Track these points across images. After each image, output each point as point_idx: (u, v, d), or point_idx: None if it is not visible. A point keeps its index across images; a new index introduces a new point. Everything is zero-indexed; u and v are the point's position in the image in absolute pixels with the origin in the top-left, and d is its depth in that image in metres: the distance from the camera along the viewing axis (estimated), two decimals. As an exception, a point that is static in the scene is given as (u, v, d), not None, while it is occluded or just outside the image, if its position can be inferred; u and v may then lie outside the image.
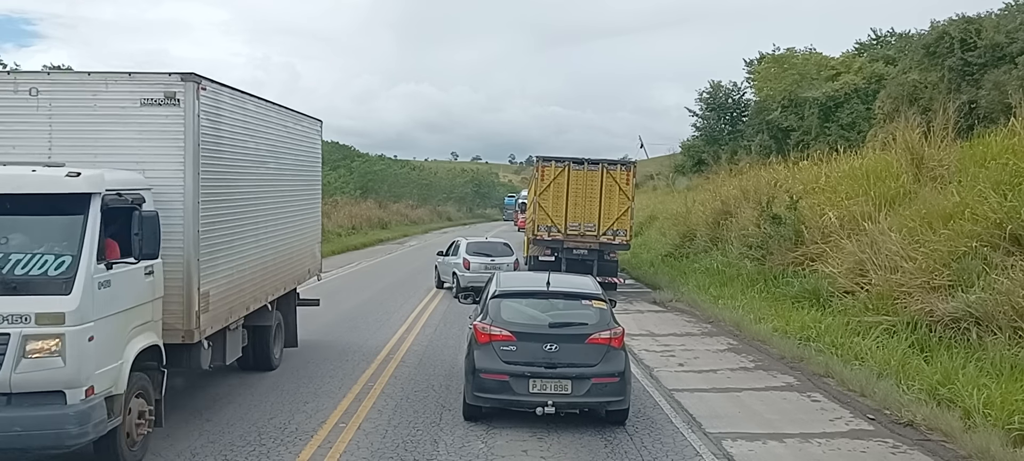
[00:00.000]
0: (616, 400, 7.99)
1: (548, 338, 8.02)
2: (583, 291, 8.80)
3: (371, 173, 71.45)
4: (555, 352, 7.90)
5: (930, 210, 13.38)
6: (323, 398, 8.90)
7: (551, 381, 7.83)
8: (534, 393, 7.81)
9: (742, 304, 15.74)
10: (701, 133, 50.05)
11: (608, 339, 8.06)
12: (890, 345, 10.80)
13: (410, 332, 13.43)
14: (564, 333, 8.12)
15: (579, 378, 7.83)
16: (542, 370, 7.83)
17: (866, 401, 9.21)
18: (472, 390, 8.01)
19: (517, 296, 8.65)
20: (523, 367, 7.84)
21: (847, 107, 35.36)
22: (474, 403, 8.07)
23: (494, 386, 7.88)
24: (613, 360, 7.99)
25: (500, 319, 8.16)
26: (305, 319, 14.44)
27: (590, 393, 7.87)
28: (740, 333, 13.93)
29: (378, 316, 15.29)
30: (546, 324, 8.24)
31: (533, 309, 8.44)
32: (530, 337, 8.00)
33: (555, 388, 7.83)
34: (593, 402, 7.98)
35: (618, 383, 7.91)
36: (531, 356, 7.89)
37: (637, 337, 13.67)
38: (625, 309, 17.49)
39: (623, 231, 19.59)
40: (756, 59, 46.02)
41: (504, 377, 7.84)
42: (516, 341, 7.96)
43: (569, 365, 7.86)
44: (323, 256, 31.88)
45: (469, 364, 8.12)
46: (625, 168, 19.83)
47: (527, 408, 7.91)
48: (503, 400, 7.94)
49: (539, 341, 7.98)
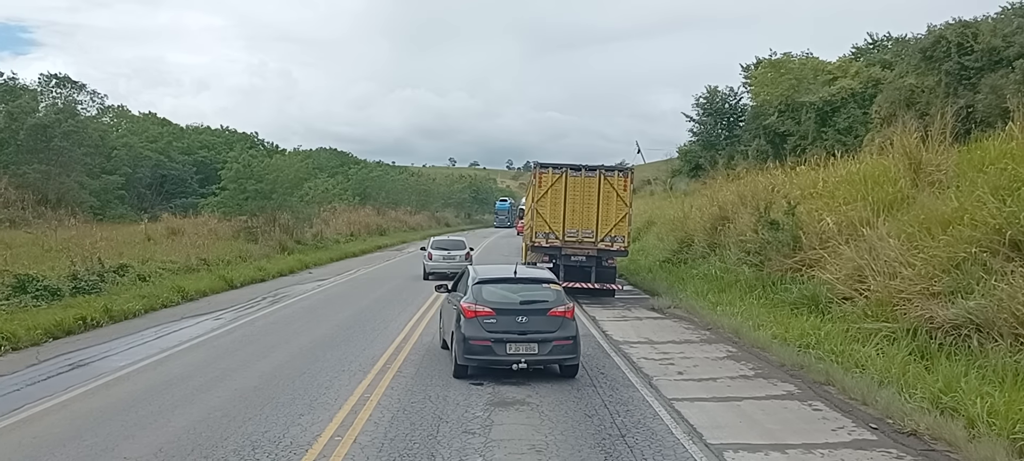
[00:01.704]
0: (570, 357, 10.46)
1: (519, 312, 10.43)
2: (542, 277, 11.61)
3: (369, 180, 71.37)
4: (525, 323, 10.31)
5: (929, 215, 13.30)
6: (319, 410, 8.79)
7: (523, 344, 10.19)
8: (510, 353, 10.12)
9: (741, 310, 15.65)
10: (698, 138, 50.08)
11: (563, 312, 10.52)
12: (890, 352, 10.70)
13: (408, 341, 13.33)
14: (531, 308, 10.50)
15: (543, 341, 10.23)
16: (516, 336, 10.21)
17: (868, 410, 9.12)
18: (463, 353, 10.18)
19: (494, 282, 10.98)
20: (501, 334, 10.16)
21: (844, 112, 35.39)
22: (463, 363, 10.27)
23: (479, 349, 10.12)
24: (568, 327, 10.44)
25: (482, 299, 10.45)
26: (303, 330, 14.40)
27: (552, 352, 10.29)
28: (739, 340, 13.84)
29: (375, 325, 15.19)
30: (518, 302, 10.61)
31: (506, 291, 10.78)
32: (506, 312, 10.36)
33: (526, 349, 10.16)
34: (553, 359, 10.38)
35: (572, 344, 10.40)
36: (507, 326, 10.24)
37: (636, 345, 13.58)
38: (623, 315, 17.45)
39: (621, 237, 19.53)
40: (753, 64, 46.09)
41: (488, 342, 10.12)
42: (495, 315, 10.27)
43: (536, 332, 10.27)
44: (321, 263, 32.23)
45: (459, 334, 10.24)
46: (623, 174, 19.79)
47: (504, 365, 10.12)
48: (486, 360, 10.16)
49: (512, 315, 10.37)
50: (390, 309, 17.51)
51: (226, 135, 68.05)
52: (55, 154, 39.31)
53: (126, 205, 45.75)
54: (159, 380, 10.32)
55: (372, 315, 16.55)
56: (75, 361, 11.69)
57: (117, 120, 59.27)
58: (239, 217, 34.51)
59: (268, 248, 31.77)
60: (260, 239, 32.62)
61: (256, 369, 11.01)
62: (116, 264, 20.61)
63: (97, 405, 9.10)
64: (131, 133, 56.20)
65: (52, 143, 38.99)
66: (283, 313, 17.22)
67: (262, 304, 18.71)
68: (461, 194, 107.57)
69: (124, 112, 66.00)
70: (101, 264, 19.69)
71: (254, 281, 23.77)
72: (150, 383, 10.17)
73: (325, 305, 18.62)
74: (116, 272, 19.92)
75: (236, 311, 17.44)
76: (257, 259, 28.46)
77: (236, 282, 22.43)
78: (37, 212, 34.90)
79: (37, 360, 11.76)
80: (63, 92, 45.45)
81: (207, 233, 32.02)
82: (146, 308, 16.97)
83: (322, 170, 75.67)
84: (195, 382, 10.18)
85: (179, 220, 35.12)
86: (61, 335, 13.70)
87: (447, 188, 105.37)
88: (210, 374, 10.67)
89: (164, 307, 17.65)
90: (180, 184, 53.17)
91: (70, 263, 18.68)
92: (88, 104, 47.42)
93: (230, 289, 21.74)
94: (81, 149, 40.56)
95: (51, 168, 38.93)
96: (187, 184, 52.87)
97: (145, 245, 26.98)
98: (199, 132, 67.03)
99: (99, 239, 26.61)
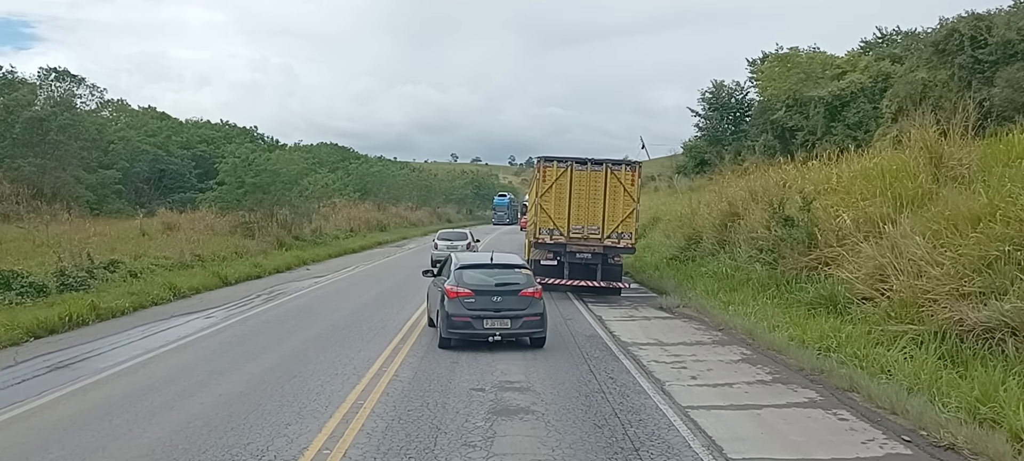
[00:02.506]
0: (538, 331, 12.14)
1: (495, 293, 12.01)
2: (514, 263, 13.29)
3: (369, 175, 70.74)
4: (499, 302, 11.92)
5: (954, 212, 12.62)
6: (307, 420, 8.15)
7: (497, 320, 11.82)
8: (487, 327, 11.75)
9: (754, 310, 15.00)
10: (704, 133, 49.50)
11: (532, 292, 12.19)
12: (918, 356, 10.04)
13: (405, 342, 12.68)
14: (504, 289, 12.11)
15: (515, 317, 11.86)
16: (492, 313, 11.83)
17: (899, 420, 8.47)
18: (446, 328, 11.83)
19: (473, 267, 12.65)
20: (479, 311, 11.78)
21: (854, 106, 34.82)
22: (447, 336, 11.87)
23: (461, 324, 11.75)
24: (535, 305, 12.08)
25: (463, 282, 12.06)
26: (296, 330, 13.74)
27: (522, 327, 11.92)
28: (753, 342, 13.19)
29: (372, 324, 14.56)
30: (493, 284, 12.18)
31: (483, 275, 12.41)
32: (483, 293, 11.94)
33: (500, 324, 11.78)
34: (523, 332, 12.00)
35: (539, 320, 12.09)
36: (484, 305, 11.85)
37: (645, 346, 12.94)
38: (630, 315, 16.80)
39: (628, 234, 18.87)
40: (759, 58, 45.49)
41: (468, 318, 11.73)
42: (474, 296, 11.86)
43: (508, 309, 11.90)
44: (319, 260, 31.61)
45: (443, 312, 11.89)
46: (630, 168, 19.11)
47: (482, 338, 11.74)
48: (466, 333, 11.77)
49: (489, 295, 11.95)
50: (388, 307, 16.88)
51: (226, 129, 67.43)
52: (51, 148, 38.66)
53: (123, 200, 45.17)
54: (139, 384, 9.68)
55: (369, 314, 15.91)
56: (55, 362, 11.08)
57: (116, 114, 58.74)
58: (237, 212, 33.87)
59: (265, 244, 31.17)
60: (257, 235, 32.01)
61: (244, 372, 10.37)
62: (107, 260, 20.02)
63: (70, 412, 8.47)
64: (129, 127, 55.60)
65: (48, 137, 38.36)
66: (277, 311, 16.59)
67: (256, 302, 18.09)
68: (463, 190, 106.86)
69: (124, 106, 65.50)
70: (90, 260, 19.09)
71: (249, 278, 23.16)
72: (129, 388, 9.54)
73: (321, 303, 17.99)
74: (106, 268, 19.33)
75: (228, 309, 16.82)
76: (254, 255, 27.87)
77: (231, 279, 21.82)
78: (31, 206, 34.26)
79: (14, 361, 11.16)
80: (62, 86, 44.94)
81: (204, 228, 31.43)
82: (135, 305, 16.37)
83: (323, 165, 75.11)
84: (178, 387, 9.54)
85: (175, 215, 34.48)
86: (44, 334, 13.10)
87: (449, 184, 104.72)
88: (194, 378, 10.04)
89: (154, 305, 17.05)
90: (178, 179, 52.57)
91: (57, 259, 18.05)
92: (88, 98, 46.85)
93: (224, 286, 21.13)
94: (77, 143, 39.89)
95: (47, 162, 38.26)
96: (186, 179, 52.21)
97: (139, 240, 26.38)
98: (198, 126, 66.40)
99: (92, 234, 26.03)
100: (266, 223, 33.97)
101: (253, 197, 34.16)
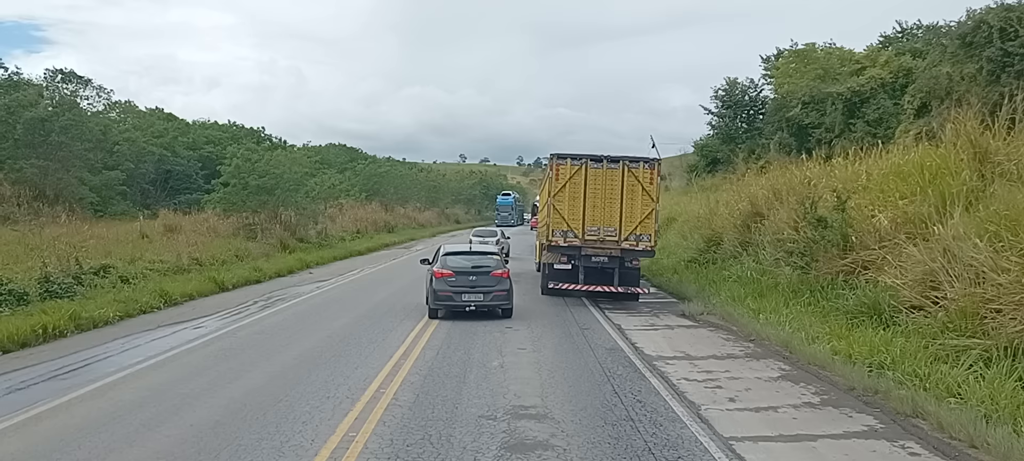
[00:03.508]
0: (505, 303, 15.31)
1: (471, 274, 15.19)
2: (489, 251, 17.04)
3: (377, 175, 69.57)
4: (474, 280, 15.07)
5: (1015, 211, 11.36)
6: (288, 457, 7.00)
7: (472, 294, 14.96)
8: (464, 300, 14.91)
9: (788, 319, 13.78)
10: (717, 132, 48.43)
11: (500, 273, 15.36)
12: (990, 376, 8.82)
13: (407, 358, 11.52)
14: (478, 271, 15.29)
15: (487, 292, 15.03)
16: (468, 289, 14.97)
17: (980, 455, 7.25)
18: (433, 301, 15.08)
19: (454, 254, 16.03)
20: (459, 288, 14.93)
21: (874, 102, 33.57)
22: (434, 307, 15.09)
23: (444, 297, 14.92)
24: (503, 283, 15.26)
25: (446, 265, 15.30)
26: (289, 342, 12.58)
27: (493, 300, 15.11)
28: (791, 355, 11.97)
29: (372, 336, 13.42)
30: (470, 267, 15.37)
31: (462, 260, 15.64)
32: (462, 274, 15.14)
33: (474, 298, 14.95)
34: (494, 304, 15.16)
35: (506, 294, 15.25)
36: (463, 283, 15.00)
37: (672, 361, 11.73)
38: (652, 323, 15.61)
39: (647, 236, 17.66)
40: (774, 55, 44.40)
41: (450, 293, 14.92)
42: (455, 275, 15.05)
43: (482, 286, 15.04)
44: (323, 262, 30.52)
45: (431, 289, 15.24)
46: (648, 166, 17.88)
47: (461, 308, 14.93)
48: (449, 305, 14.93)
49: (467, 275, 15.12)
50: (391, 317, 15.74)
51: (233, 130, 66.51)
52: (53, 149, 37.80)
53: (128, 201, 44.35)
54: (101, 413, 8.49)
55: (370, 324, 14.77)
56: (13, 384, 9.92)
57: (123, 115, 58.02)
58: (239, 214, 32.84)
59: (268, 247, 30.11)
60: (260, 237, 30.95)
61: (223, 395, 9.21)
62: (98, 265, 18.97)
63: (7, 452, 7.29)
64: (135, 128, 54.82)
65: (50, 138, 37.49)
66: (271, 321, 15.46)
67: (251, 310, 16.97)
68: (471, 190, 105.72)
69: (131, 107, 64.81)
70: (78, 265, 18.04)
71: (248, 283, 22.07)
72: (88, 417, 8.35)
73: (319, 311, 16.85)
74: (96, 274, 18.28)
75: (220, 318, 15.71)
76: (255, 258, 26.83)
77: (228, 284, 20.75)
78: (33, 209, 33.40)
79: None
80: (69, 87, 44.13)
81: (206, 231, 30.43)
82: (121, 314, 15.29)
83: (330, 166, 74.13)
84: (145, 414, 8.38)
85: (177, 217, 33.49)
86: (13, 348, 12.01)
87: (457, 184, 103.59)
88: (166, 402, 8.89)
89: (142, 313, 15.96)
90: (185, 180, 51.74)
91: (42, 264, 16.99)
92: (95, 99, 46.10)
93: (221, 292, 20.05)
94: (81, 144, 39.00)
95: (49, 164, 37.38)
96: (192, 180, 51.31)
97: (138, 243, 25.37)
98: (205, 127, 65.58)
99: (89, 237, 25.08)
100: (270, 225, 32.94)
101: (257, 198, 33.14)
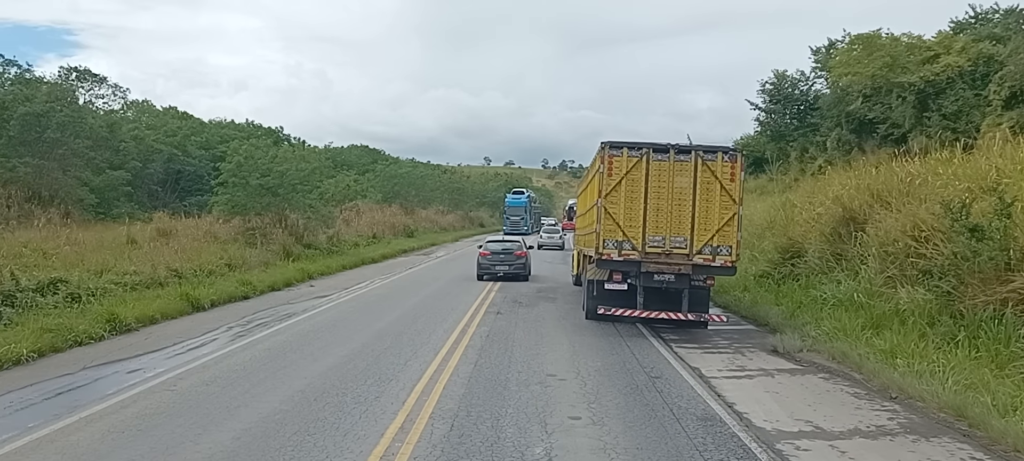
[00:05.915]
0: (524, 273, 26.10)
1: (501, 253, 26.37)
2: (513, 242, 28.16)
3: (397, 177, 66.11)
4: (503, 257, 26.14)
5: None
6: None
7: (501, 266, 25.76)
8: (497, 271, 25.57)
9: (944, 368, 9.83)
10: (765, 128, 44.72)
11: (520, 253, 26.42)
12: None
13: (413, 426, 7.75)
14: (506, 252, 26.36)
15: (511, 265, 25.89)
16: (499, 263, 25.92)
17: None
18: (479, 270, 25.92)
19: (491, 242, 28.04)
20: (495, 264, 25.89)
21: (951, 93, 29.59)
22: (479, 274, 25.77)
23: (486, 266, 25.82)
24: (522, 259, 26.27)
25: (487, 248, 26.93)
26: (246, 400, 8.46)
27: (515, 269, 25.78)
28: (973, 431, 8.05)
29: (360, 394, 9.64)
30: (501, 251, 26.52)
31: (495, 246, 27.22)
32: (496, 254, 26.24)
33: (503, 269, 25.65)
34: (515, 273, 25.69)
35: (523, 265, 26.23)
36: (497, 260, 26.02)
37: (801, 441, 7.82)
38: (740, 365, 11.72)
39: (726, 248, 13.75)
40: (824, 47, 40.82)
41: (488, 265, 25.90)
42: (491, 255, 26.20)
43: (508, 262, 25.94)
44: (330, 272, 26.84)
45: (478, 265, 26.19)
46: (729, 158, 13.88)
47: (495, 275, 25.45)
48: (487, 272, 25.61)
49: (499, 255, 26.23)
50: (394, 352, 12.02)
51: (250, 130, 63.74)
52: (50, 147, 34.96)
53: (133, 203, 41.58)
54: None
55: (365, 368, 11.00)
56: None
57: (139, 114, 55.79)
58: (242, 217, 29.47)
59: (269, 254, 26.63)
60: (262, 243, 27.48)
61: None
62: (47, 279, 15.57)
63: None
64: (148, 127, 52.29)
65: (45, 134, 34.62)
66: (235, 361, 11.50)
67: (215, 343, 13.12)
68: (495, 192, 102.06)
69: (148, 106, 62.56)
70: (15, 281, 14.63)
71: (232, 299, 18.48)
72: None
73: (304, 344, 12.98)
74: (40, 291, 14.88)
75: (168, 355, 11.99)
76: (251, 268, 23.36)
77: (204, 302, 17.12)
78: (24, 210, 30.46)
79: None
80: (84, 86, 41.78)
81: (202, 235, 27.04)
82: (46, 348, 11.69)
83: (351, 167, 71.03)
84: None
85: (172, 220, 30.24)
86: None
87: (482, 186, 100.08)
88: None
89: (77, 344, 12.34)
90: (196, 180, 49.02)
91: (-36, 281, 13.59)
92: (111, 97, 43.63)
93: (194, 312, 16.45)
94: (81, 142, 36.07)
95: (46, 163, 34.49)
96: (204, 180, 48.39)
97: (122, 250, 22.07)
98: (222, 127, 62.99)
99: (64, 243, 21.87)
100: (274, 229, 29.52)
101: (260, 200, 29.79)
